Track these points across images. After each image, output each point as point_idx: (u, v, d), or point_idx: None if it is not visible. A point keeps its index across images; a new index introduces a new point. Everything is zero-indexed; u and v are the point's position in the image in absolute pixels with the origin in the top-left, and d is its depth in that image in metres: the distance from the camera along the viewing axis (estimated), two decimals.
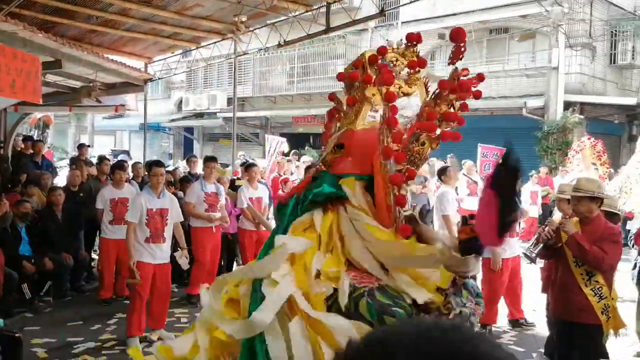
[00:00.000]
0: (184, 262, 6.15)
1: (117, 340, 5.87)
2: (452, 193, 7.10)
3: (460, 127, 3.07)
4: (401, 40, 3.35)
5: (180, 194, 7.94)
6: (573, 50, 15.41)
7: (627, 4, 16.04)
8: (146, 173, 8.90)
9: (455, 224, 6.89)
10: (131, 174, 9.40)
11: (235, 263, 9.06)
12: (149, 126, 19.86)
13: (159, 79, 15.79)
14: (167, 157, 26.78)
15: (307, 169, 7.37)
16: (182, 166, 13.94)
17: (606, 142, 10.63)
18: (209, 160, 7.78)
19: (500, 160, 2.57)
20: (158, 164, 6.30)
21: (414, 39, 3.16)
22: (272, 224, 8.37)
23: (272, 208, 8.49)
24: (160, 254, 5.78)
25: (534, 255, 4.68)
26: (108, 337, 6.02)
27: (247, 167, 8.62)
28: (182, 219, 6.17)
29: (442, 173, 7.51)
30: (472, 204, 10.02)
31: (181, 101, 25.34)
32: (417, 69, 3.24)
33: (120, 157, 17.61)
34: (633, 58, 16.27)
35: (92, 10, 9.43)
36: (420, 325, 0.83)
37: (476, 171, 12.26)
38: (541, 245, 4.52)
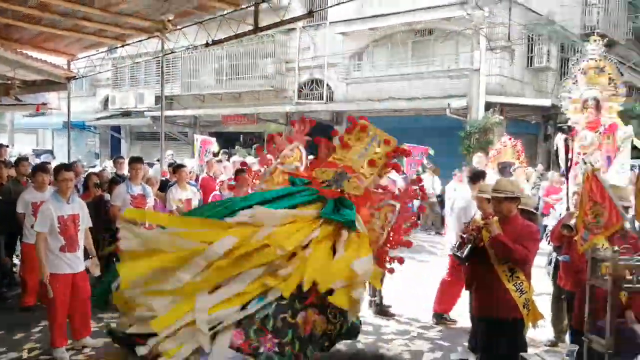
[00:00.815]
0: (95, 270, 6.00)
1: (42, 349, 5.67)
2: None
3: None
4: None
5: (107, 196, 7.73)
6: (493, 52, 16.14)
7: (542, 10, 16.96)
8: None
9: None
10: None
11: None
12: (74, 125, 19.14)
13: (83, 76, 15.26)
14: (93, 156, 25.93)
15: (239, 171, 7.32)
16: (109, 166, 13.55)
17: (524, 141, 11.20)
18: (135, 161, 7.58)
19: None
20: (67, 167, 6.06)
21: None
22: None
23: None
24: (77, 262, 5.61)
25: (464, 256, 4.87)
26: (32, 346, 5.80)
27: (176, 168, 8.52)
28: (91, 224, 6.01)
29: None
30: None
31: (107, 99, 24.59)
32: None
33: (43, 158, 16.89)
34: (548, 61, 17.23)
35: (7, 4, 9.01)
36: None
37: (402, 170, 12.61)
38: (469, 246, 4.72)
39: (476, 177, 6.72)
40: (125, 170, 9.39)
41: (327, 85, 19.40)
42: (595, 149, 6.95)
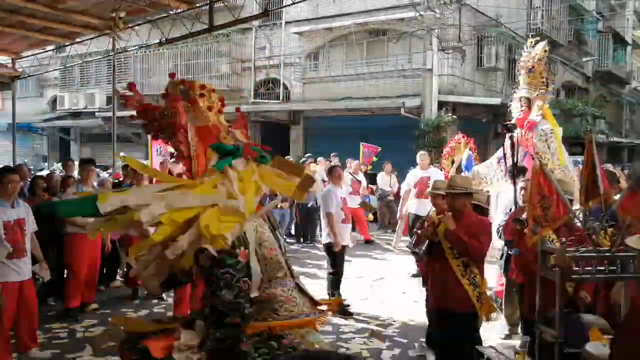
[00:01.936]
0: (45, 274, 5.80)
1: None
2: (337, 192, 7.34)
3: None
4: None
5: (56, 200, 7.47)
6: (445, 53, 16.47)
7: (490, 12, 17.41)
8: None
9: (338, 222, 7.14)
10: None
11: (119, 271, 8.72)
12: (19, 126, 18.47)
13: (28, 76, 14.77)
14: (41, 159, 25.13)
15: None
16: (58, 169, 13.15)
17: (475, 139, 11.44)
18: (86, 163, 7.42)
19: None
20: (12, 170, 5.85)
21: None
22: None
23: None
24: (25, 269, 5.39)
25: (422, 252, 4.92)
26: None
27: (131, 169, 8.32)
28: (37, 228, 5.77)
29: (329, 172, 7.87)
30: (352, 202, 10.43)
31: (55, 100, 23.86)
32: None
33: None
34: (497, 61, 17.72)
35: None
36: None
37: (363, 171, 12.78)
38: (426, 242, 4.78)
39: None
40: (75, 173, 9.14)
41: (284, 84, 19.37)
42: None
